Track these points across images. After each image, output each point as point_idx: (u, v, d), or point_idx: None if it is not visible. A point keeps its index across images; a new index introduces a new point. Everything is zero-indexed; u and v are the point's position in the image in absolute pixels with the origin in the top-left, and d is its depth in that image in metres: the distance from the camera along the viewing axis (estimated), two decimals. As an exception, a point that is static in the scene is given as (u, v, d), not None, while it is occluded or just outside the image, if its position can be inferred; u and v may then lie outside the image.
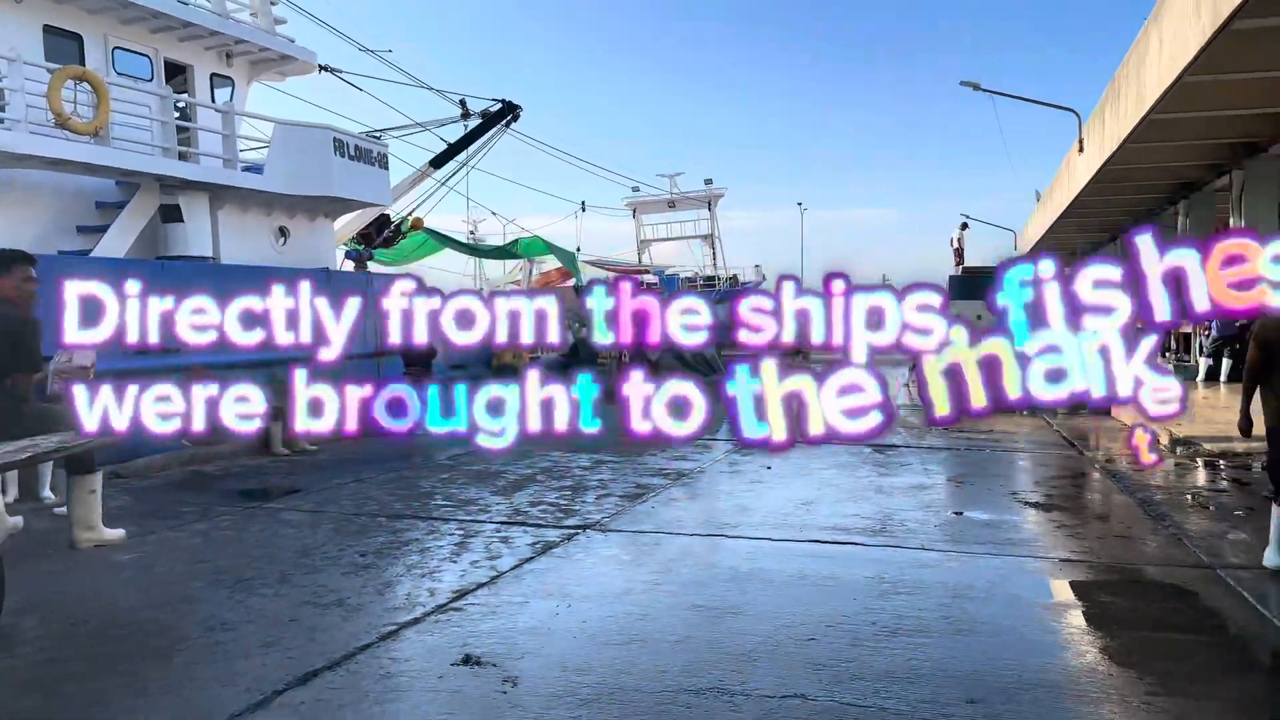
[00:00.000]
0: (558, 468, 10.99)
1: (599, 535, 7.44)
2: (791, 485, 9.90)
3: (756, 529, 7.67)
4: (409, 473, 10.66)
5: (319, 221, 17.35)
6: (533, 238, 24.86)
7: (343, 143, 16.27)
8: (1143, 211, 29.03)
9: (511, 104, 21.47)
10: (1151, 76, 14.90)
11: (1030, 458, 12.06)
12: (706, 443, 13.53)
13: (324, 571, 6.40)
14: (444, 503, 8.82)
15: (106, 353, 10.77)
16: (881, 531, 7.55)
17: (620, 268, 41.63)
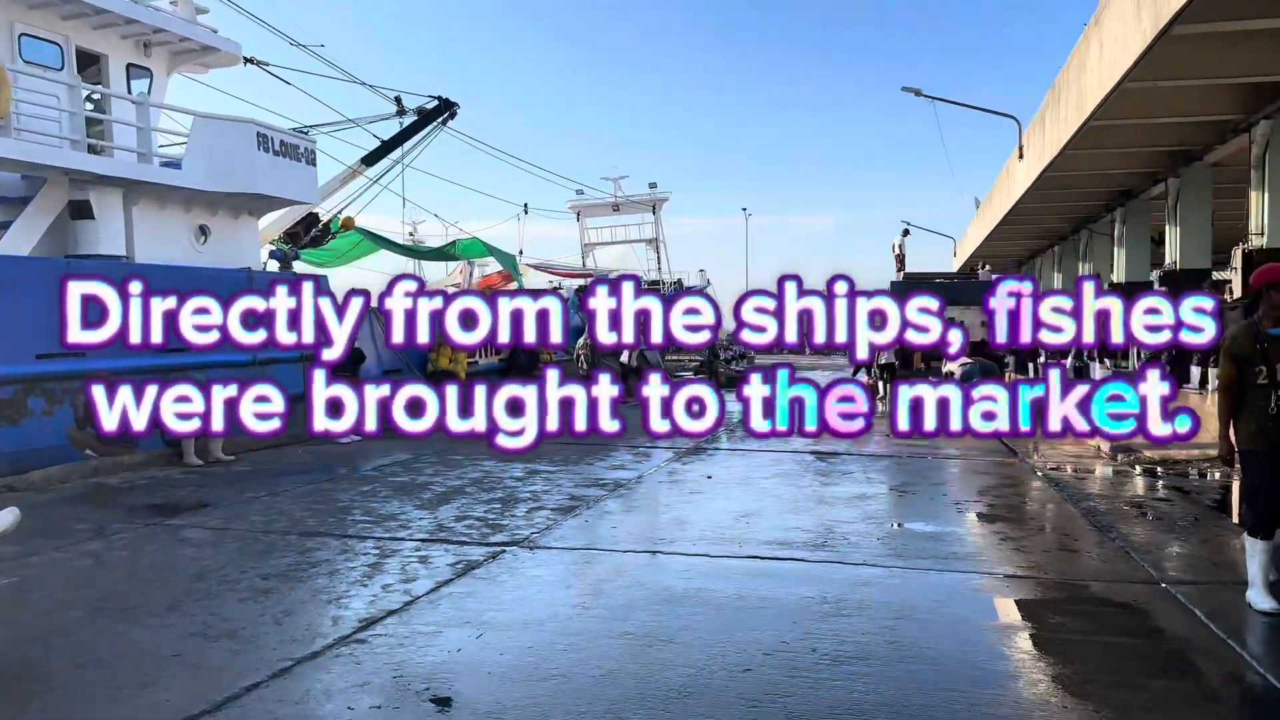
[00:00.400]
0: (489, 478, 10.50)
1: (526, 553, 6.98)
2: (732, 496, 9.54)
3: (694, 544, 7.28)
4: (329, 485, 10.08)
5: (243, 220, 16.60)
6: (471, 239, 24.25)
7: (267, 137, 15.56)
8: (1080, 219, 29.40)
9: (448, 101, 20.88)
10: (1092, 81, 14.90)
11: (972, 465, 11.87)
12: (646, 450, 13.15)
13: (219, 598, 5.85)
14: (362, 518, 8.28)
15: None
16: (823, 545, 7.21)
17: (563, 271, 41.11)
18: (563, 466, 11.38)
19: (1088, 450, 13.19)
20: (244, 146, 15.25)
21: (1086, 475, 11.09)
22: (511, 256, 25.61)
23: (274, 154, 15.77)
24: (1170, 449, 12.38)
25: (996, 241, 36.33)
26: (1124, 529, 7.87)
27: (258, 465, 11.70)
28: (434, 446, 13.26)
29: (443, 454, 12.51)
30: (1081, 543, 7.48)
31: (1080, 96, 15.82)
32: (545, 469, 11.22)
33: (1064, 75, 17.44)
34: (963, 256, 45.23)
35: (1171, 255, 20.68)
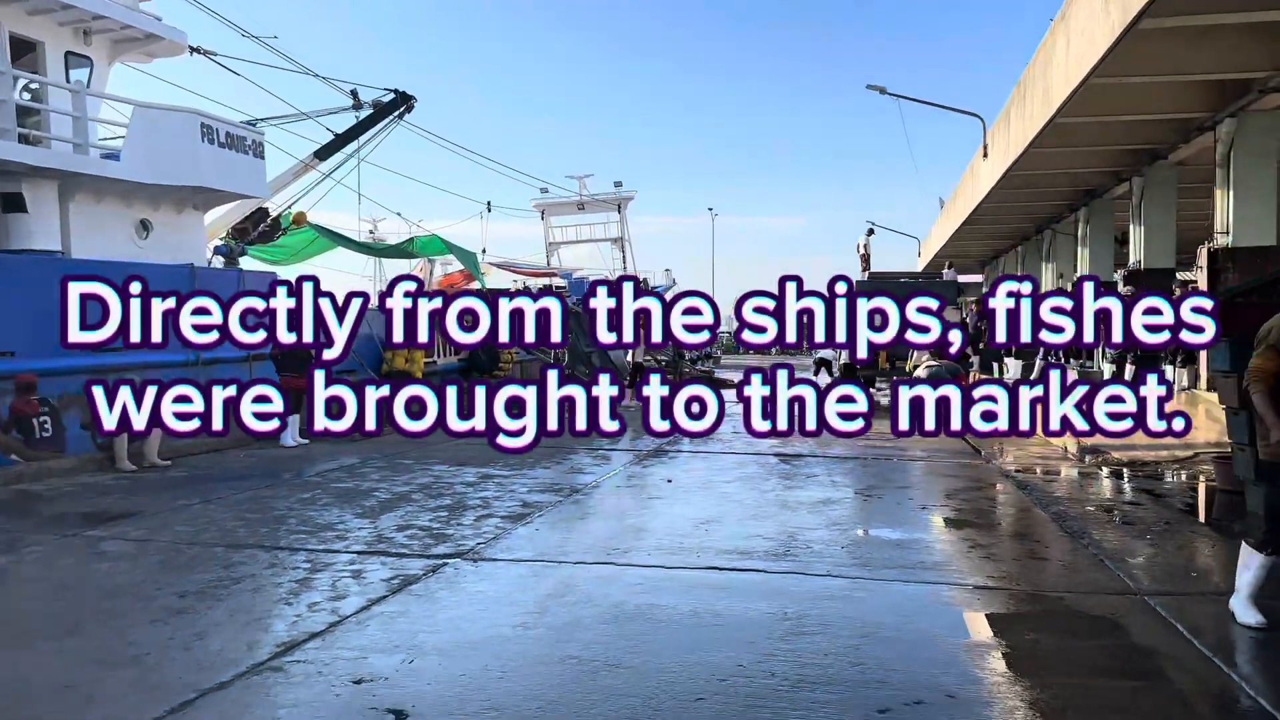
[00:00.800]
0: (438, 483, 10.03)
1: (469, 566, 6.53)
2: (692, 501, 9.15)
3: (650, 554, 6.87)
4: (267, 492, 9.55)
5: (187, 214, 15.94)
6: (430, 236, 23.64)
7: (211, 128, 14.95)
8: (1044, 218, 29.39)
9: (405, 94, 20.31)
10: (1059, 77, 14.70)
11: (937, 467, 11.57)
12: (606, 453, 12.73)
13: (127, 618, 5.35)
14: (297, 528, 7.77)
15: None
16: (785, 555, 6.84)
17: (527, 270, 40.54)
18: (517, 470, 10.93)
19: (1054, 451, 12.96)
20: (187, 137, 14.64)
21: (1054, 477, 10.83)
22: (472, 254, 25.02)
23: (219, 146, 15.16)
24: (1137, 450, 12.20)
25: (961, 241, 36.32)
26: (1095, 534, 7.58)
27: (195, 470, 11.13)
28: (384, 450, 12.75)
29: (392, 458, 12.01)
30: (1052, 550, 7.17)
31: (1046, 92, 15.62)
32: (499, 473, 10.76)
33: (1030, 71, 17.25)
34: (927, 256, 45.30)
35: (1136, 255, 20.60)
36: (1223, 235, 15.82)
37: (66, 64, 14.86)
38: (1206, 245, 15.97)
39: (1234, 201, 15.56)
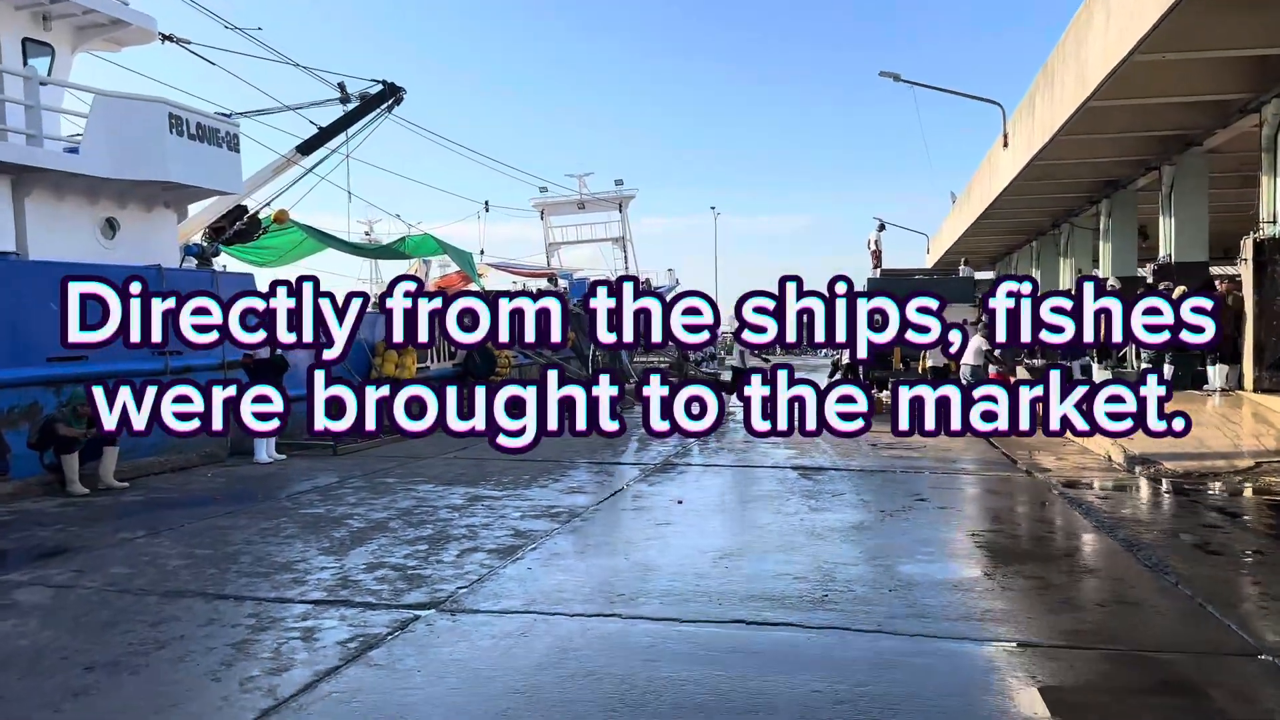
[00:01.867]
0: (421, 507, 8.93)
1: (445, 621, 5.42)
2: (707, 527, 8.05)
3: (661, 602, 5.76)
4: (225, 521, 8.44)
5: (157, 212, 14.83)
6: (423, 235, 22.50)
7: (181, 119, 13.83)
8: (1062, 211, 28.24)
9: (394, 86, 19.18)
10: (1095, 55, 13.58)
11: (976, 481, 10.46)
12: (609, 467, 11.64)
13: (8, 704, 4.25)
14: (251, 568, 6.67)
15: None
16: (824, 601, 5.73)
17: (526, 271, 39.44)
18: (510, 491, 9.83)
19: (1096, 459, 11.85)
20: (153, 129, 13.52)
21: (1107, 492, 9.72)
22: (467, 254, 23.90)
23: (190, 138, 14.04)
24: (1189, 460, 11.09)
25: (974, 237, 35.20)
26: (1180, 567, 6.48)
27: (153, 493, 10.04)
28: (366, 467, 11.67)
29: (372, 476, 10.91)
30: (1139, 590, 6.06)
31: (1080, 74, 14.51)
32: (490, 494, 9.66)
33: (1059, 52, 16.14)
34: (937, 253, 44.16)
35: (1165, 248, 19.47)
36: (1270, 224, 14.70)
37: (24, 51, 13.77)
38: (1252, 235, 14.84)
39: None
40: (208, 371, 12.94)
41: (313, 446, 13.31)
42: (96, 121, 13.15)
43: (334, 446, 13.11)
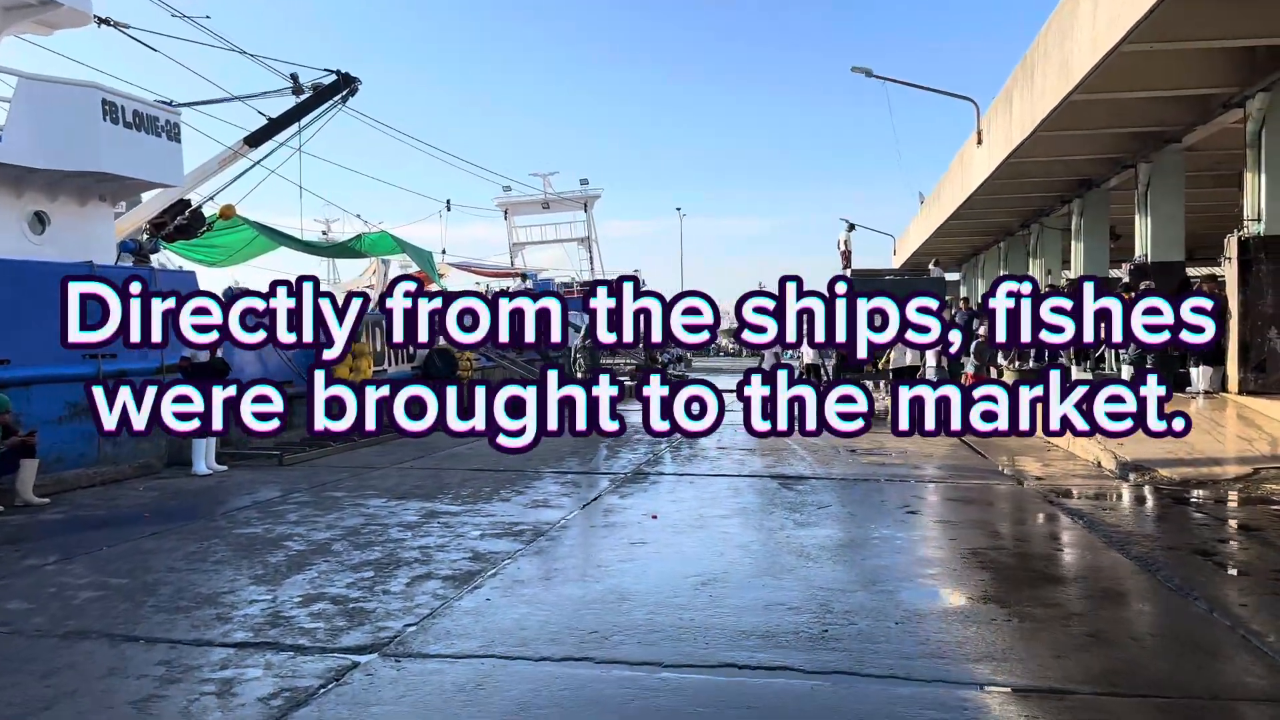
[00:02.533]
0: (370, 526, 8.13)
1: (388, 670, 4.64)
2: (685, 547, 7.34)
3: (640, 640, 5.03)
4: (150, 542, 7.59)
5: (92, 206, 13.84)
6: (380, 233, 21.60)
7: (115, 105, 12.88)
8: (1032, 211, 27.89)
9: (349, 76, 18.27)
10: (1082, 45, 13.06)
11: (965, 491, 9.84)
12: (576, 478, 10.90)
13: None
14: (170, 602, 5.85)
15: None
16: (824, 638, 5.04)
17: (490, 271, 38.56)
18: (469, 505, 9.05)
19: (1085, 466, 11.32)
20: (85, 115, 12.56)
21: (1108, 504, 9.16)
22: (427, 253, 23.06)
23: (125, 125, 13.10)
24: (1184, 466, 10.59)
25: (941, 238, 34.88)
26: (1208, 591, 5.88)
27: (76, 510, 9.14)
28: (313, 479, 10.82)
29: (319, 490, 10.08)
30: (1169, 619, 5.45)
31: (1064, 65, 14.00)
32: (446, 509, 8.88)
33: (1039, 45, 15.65)
34: (904, 255, 43.91)
35: (1142, 247, 19.11)
36: (1254, 223, 14.31)
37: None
38: (1236, 234, 14.45)
39: (1266, 184, 14.06)
40: (144, 376, 12.02)
41: (256, 456, 12.44)
42: (21, 107, 12.16)
43: (279, 456, 12.24)
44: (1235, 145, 16.23)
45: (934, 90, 23.88)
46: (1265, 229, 14.02)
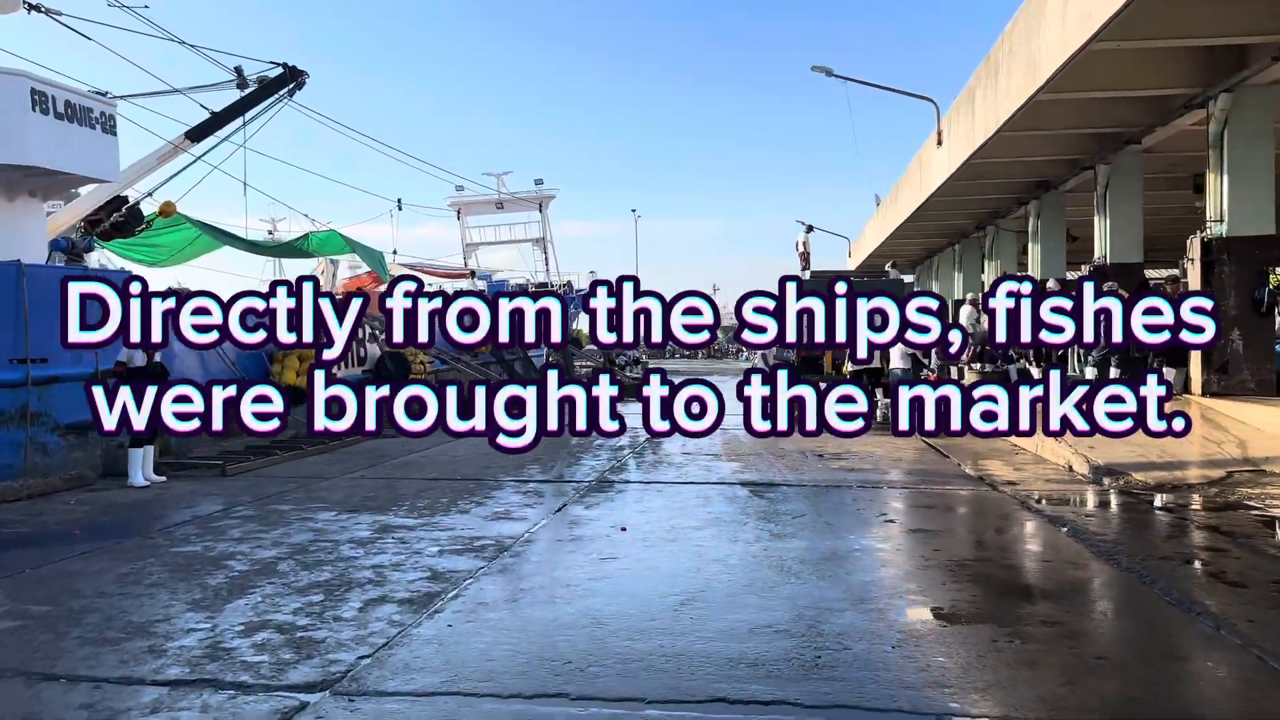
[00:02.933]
0: (319, 542, 7.59)
1: (340, 713, 4.15)
2: (658, 561, 6.92)
3: (619, 673, 4.60)
4: (78, 562, 6.99)
5: (21, 202, 13.05)
6: (328, 232, 20.90)
7: (45, 95, 12.14)
8: (987, 214, 27.95)
9: (295, 69, 17.59)
10: (1050, 43, 12.90)
11: (938, 499, 9.54)
12: (538, 486, 10.44)
13: None
14: (96, 632, 5.29)
15: None
16: (818, 666, 4.65)
17: (443, 272, 37.82)
18: (425, 518, 8.55)
19: (1057, 470, 11.12)
20: (12, 105, 11.83)
21: (1086, 510, 8.93)
22: (378, 253, 22.39)
23: (56, 116, 12.37)
24: (1157, 470, 10.43)
25: (897, 240, 34.89)
26: (1210, 604, 5.62)
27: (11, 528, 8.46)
28: (257, 491, 10.22)
29: (264, 503, 9.49)
30: (1178, 638, 5.16)
31: (1031, 64, 13.85)
32: (401, 522, 8.37)
33: (1004, 43, 15.51)
34: (859, 257, 43.95)
35: (1101, 249, 19.11)
36: (1216, 224, 14.29)
37: None
38: (1199, 235, 14.43)
39: (1229, 185, 14.03)
40: (76, 382, 11.32)
41: (198, 466, 11.78)
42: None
43: (222, 467, 11.60)
44: (1191, 148, 16.27)
45: (894, 90, 23.78)
46: (1228, 230, 14.00)
